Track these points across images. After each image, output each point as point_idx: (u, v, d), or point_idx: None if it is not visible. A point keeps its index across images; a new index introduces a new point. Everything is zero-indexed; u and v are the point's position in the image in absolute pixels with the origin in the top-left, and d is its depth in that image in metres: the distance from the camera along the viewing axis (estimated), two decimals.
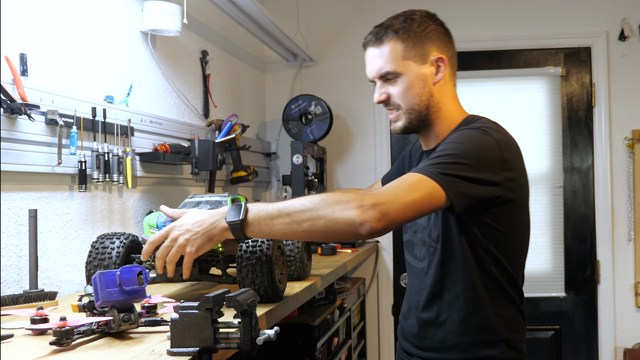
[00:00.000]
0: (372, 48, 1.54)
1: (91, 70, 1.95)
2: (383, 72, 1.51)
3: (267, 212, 1.27)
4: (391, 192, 1.28)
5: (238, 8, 2.62)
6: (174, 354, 0.99)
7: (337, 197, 1.27)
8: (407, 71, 1.50)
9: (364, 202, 1.23)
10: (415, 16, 1.56)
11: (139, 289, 1.14)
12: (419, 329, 1.55)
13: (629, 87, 3.52)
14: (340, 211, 1.24)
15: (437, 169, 1.32)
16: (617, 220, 3.52)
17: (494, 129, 1.47)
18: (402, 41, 1.51)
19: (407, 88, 1.50)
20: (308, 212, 1.25)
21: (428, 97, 1.52)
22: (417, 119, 1.53)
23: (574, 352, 3.58)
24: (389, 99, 1.53)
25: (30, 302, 1.46)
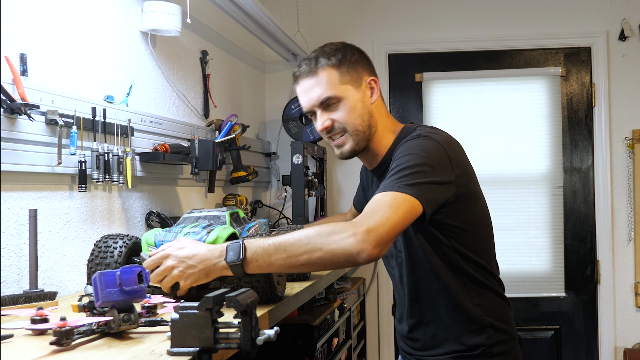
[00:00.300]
0: (308, 79, 1.57)
1: (91, 70, 1.95)
2: (323, 97, 1.55)
3: (264, 249, 1.30)
4: (377, 215, 1.32)
5: (238, 8, 2.61)
6: (174, 354, 0.99)
7: (330, 228, 1.31)
8: (347, 95, 1.55)
9: (357, 230, 1.28)
10: (339, 46, 1.61)
11: (139, 289, 1.14)
12: (410, 332, 1.64)
13: (629, 87, 3.52)
14: (337, 242, 1.28)
15: (404, 182, 1.37)
16: (617, 220, 3.52)
17: (432, 132, 1.54)
18: (336, 68, 1.56)
19: (350, 110, 1.55)
20: (304, 246, 1.29)
21: (369, 117, 1.58)
22: (363, 140, 1.58)
23: (574, 352, 3.58)
24: (333, 124, 1.56)
25: (30, 302, 1.46)
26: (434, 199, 1.41)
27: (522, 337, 1.67)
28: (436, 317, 1.57)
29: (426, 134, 1.51)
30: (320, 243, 1.28)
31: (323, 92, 1.55)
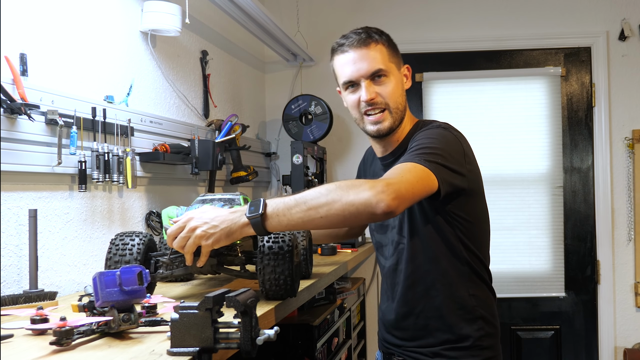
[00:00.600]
0: (359, 49, 1.59)
1: (91, 70, 1.95)
2: (376, 69, 1.59)
3: (285, 203, 1.32)
4: (396, 174, 1.37)
5: (238, 8, 2.62)
6: (174, 354, 0.99)
7: (349, 182, 1.34)
8: (394, 73, 1.62)
9: (376, 183, 1.31)
10: (382, 31, 1.65)
11: (139, 289, 1.14)
12: (398, 322, 1.67)
13: (629, 87, 3.52)
14: (356, 194, 1.30)
15: (423, 158, 1.43)
16: (617, 220, 3.52)
17: (451, 127, 1.61)
18: (386, 46, 1.62)
19: (394, 88, 1.61)
20: (324, 197, 1.31)
21: (404, 100, 1.65)
22: (399, 119, 1.63)
23: (574, 352, 3.58)
24: (378, 97, 1.60)
25: (30, 302, 1.46)
26: (449, 181, 1.46)
27: (522, 337, 1.71)
28: (430, 305, 1.61)
29: (445, 126, 1.59)
30: (339, 195, 1.31)
31: (376, 64, 1.59)
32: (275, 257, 1.38)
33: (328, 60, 4.02)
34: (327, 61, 4.04)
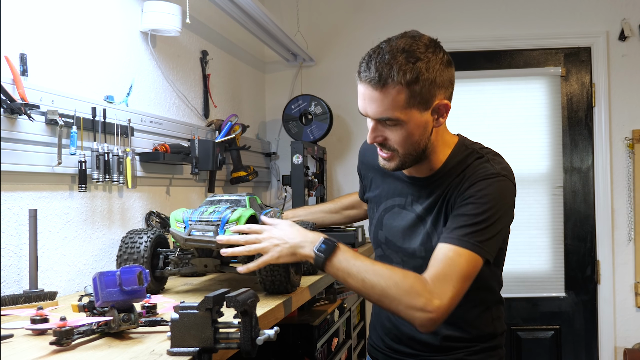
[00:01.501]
0: (371, 88, 1.37)
1: (91, 70, 1.95)
2: (383, 117, 1.40)
3: (349, 264, 1.39)
4: (450, 289, 1.34)
5: (238, 8, 2.61)
6: (174, 354, 0.99)
7: (409, 284, 1.35)
8: (409, 119, 1.39)
9: (428, 306, 1.33)
10: (421, 53, 1.37)
11: (139, 289, 1.14)
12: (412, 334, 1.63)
13: (629, 87, 3.52)
14: (406, 308, 1.34)
15: (477, 239, 1.39)
16: (617, 220, 3.52)
17: (506, 168, 1.49)
18: (407, 87, 1.35)
19: (407, 136, 1.42)
20: (379, 288, 1.36)
21: (426, 142, 1.45)
22: (411, 161, 1.48)
23: (574, 352, 3.58)
24: (385, 141, 1.45)
25: (30, 302, 1.47)
26: (497, 246, 1.46)
27: (522, 337, 1.72)
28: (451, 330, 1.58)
29: (505, 174, 1.46)
30: (393, 296, 1.35)
31: (383, 112, 1.38)
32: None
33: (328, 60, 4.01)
34: (327, 61, 4.05)
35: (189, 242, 1.50)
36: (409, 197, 1.57)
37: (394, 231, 1.60)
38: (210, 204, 1.63)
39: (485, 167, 1.46)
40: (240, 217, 1.50)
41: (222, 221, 1.50)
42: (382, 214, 1.63)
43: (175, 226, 1.53)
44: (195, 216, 1.52)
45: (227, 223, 1.49)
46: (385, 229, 1.64)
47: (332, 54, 3.65)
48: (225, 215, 1.50)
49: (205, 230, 1.49)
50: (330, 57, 3.65)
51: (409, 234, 1.57)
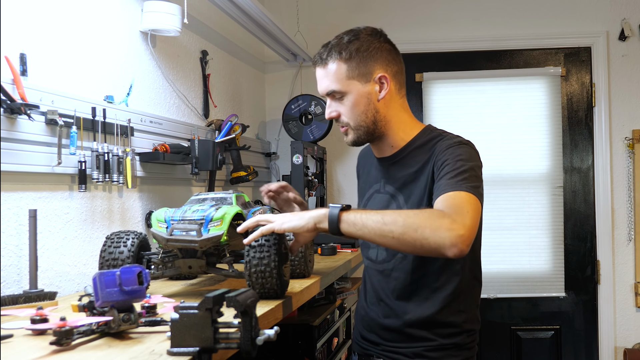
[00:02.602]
0: (319, 68, 1.61)
1: (91, 70, 1.95)
2: (329, 90, 1.59)
3: (365, 211, 1.41)
4: (467, 213, 1.37)
5: (238, 8, 2.61)
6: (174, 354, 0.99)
7: (428, 212, 1.39)
8: (352, 90, 1.57)
9: (455, 225, 1.33)
10: (361, 35, 1.59)
11: (139, 289, 1.14)
12: (383, 323, 1.64)
13: (629, 87, 3.53)
14: (435, 230, 1.33)
15: (469, 184, 1.44)
16: (617, 220, 3.52)
17: (470, 142, 1.59)
18: (344, 62, 1.57)
19: (353, 106, 1.58)
20: (401, 220, 1.35)
21: (373, 113, 1.59)
22: (365, 134, 1.61)
23: (574, 352, 3.58)
24: (339, 116, 1.60)
25: (30, 302, 1.46)
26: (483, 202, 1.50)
27: (522, 337, 1.71)
28: (420, 314, 1.59)
29: (467, 142, 1.57)
30: (417, 223, 1.34)
31: (329, 85, 1.58)
32: (261, 249, 1.40)
33: None
34: None
35: (171, 242, 1.42)
36: (382, 181, 1.67)
37: None
38: (195, 202, 1.56)
39: (452, 137, 1.59)
40: (224, 215, 1.44)
41: (205, 219, 1.43)
42: (365, 202, 1.72)
43: (156, 226, 1.45)
44: (177, 215, 1.45)
45: (211, 221, 1.42)
46: None
47: None
48: (209, 214, 1.44)
49: (188, 230, 1.41)
50: None
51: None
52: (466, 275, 1.60)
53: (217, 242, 1.42)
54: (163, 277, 1.54)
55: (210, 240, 1.41)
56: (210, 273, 1.53)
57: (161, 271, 1.52)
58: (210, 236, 1.41)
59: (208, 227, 1.42)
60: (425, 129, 1.66)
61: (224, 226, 1.43)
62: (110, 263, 1.47)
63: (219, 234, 1.41)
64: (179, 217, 1.44)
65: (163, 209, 1.50)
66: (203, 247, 1.43)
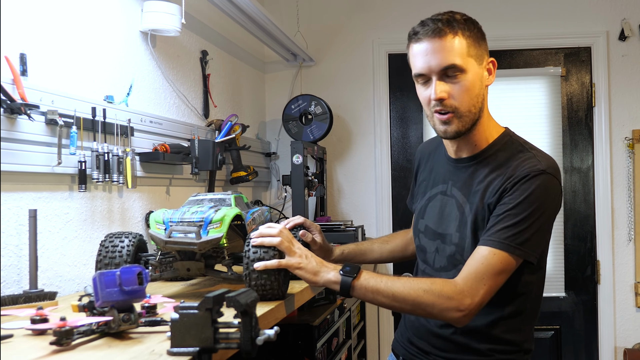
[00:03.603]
0: (432, 40, 1.42)
1: (91, 70, 1.95)
2: (448, 64, 1.41)
3: (376, 283, 1.40)
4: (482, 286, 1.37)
5: (238, 8, 2.62)
6: (174, 354, 0.99)
7: (438, 288, 1.37)
8: (470, 69, 1.43)
9: (463, 305, 1.36)
10: (469, 17, 1.51)
11: (139, 289, 1.14)
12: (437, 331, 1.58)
13: (629, 87, 3.52)
14: (442, 311, 1.37)
15: (516, 241, 1.37)
16: (617, 220, 3.52)
17: (552, 165, 1.45)
18: (466, 37, 1.44)
19: (469, 87, 1.43)
20: (411, 299, 1.38)
21: (482, 100, 1.48)
22: (470, 122, 1.46)
23: (574, 352, 3.58)
24: (448, 98, 1.43)
25: (30, 302, 1.46)
26: (541, 247, 1.44)
27: None
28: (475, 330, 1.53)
29: (550, 171, 1.42)
30: (426, 303, 1.37)
31: (449, 59, 1.41)
32: (260, 249, 1.39)
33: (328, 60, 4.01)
34: (327, 61, 4.06)
35: (170, 244, 1.39)
36: (450, 183, 1.55)
37: (434, 217, 1.57)
38: (194, 203, 1.54)
39: (532, 162, 1.44)
40: (224, 217, 1.41)
41: (204, 221, 1.40)
42: (426, 202, 1.62)
43: (155, 228, 1.43)
44: (176, 217, 1.42)
45: (211, 223, 1.40)
46: (426, 217, 1.61)
47: (332, 54, 3.65)
48: (208, 216, 1.41)
49: (186, 232, 1.39)
50: (330, 57, 3.65)
51: (446, 218, 1.54)
52: (532, 295, 1.52)
53: (217, 244, 1.41)
54: (161, 279, 1.52)
55: (210, 242, 1.39)
56: (209, 276, 1.52)
57: (159, 273, 1.50)
58: (209, 238, 1.39)
59: (207, 229, 1.40)
60: (505, 133, 1.54)
61: (224, 228, 1.41)
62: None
63: (219, 236, 1.40)
64: (177, 218, 1.42)
65: (161, 210, 1.48)
66: (202, 250, 1.41)
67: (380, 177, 3.64)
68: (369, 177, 3.63)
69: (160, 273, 1.50)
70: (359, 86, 3.62)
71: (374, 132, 3.64)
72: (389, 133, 3.65)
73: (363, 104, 3.64)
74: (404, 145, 3.68)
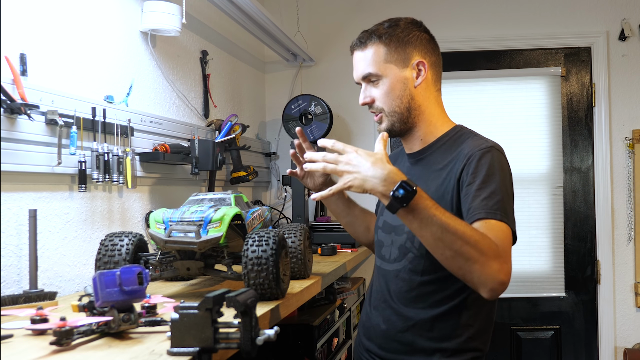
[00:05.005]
0: (358, 51, 1.60)
1: (91, 70, 1.95)
2: (365, 73, 1.57)
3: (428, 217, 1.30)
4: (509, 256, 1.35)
5: (238, 8, 2.62)
6: (174, 354, 0.99)
7: (487, 244, 1.31)
8: (388, 74, 1.55)
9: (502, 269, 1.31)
10: (400, 23, 1.61)
11: (139, 289, 1.14)
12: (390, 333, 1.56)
13: (629, 87, 3.52)
14: (483, 268, 1.30)
15: (505, 211, 1.40)
16: (617, 220, 3.52)
17: (499, 146, 1.54)
18: (384, 45, 1.56)
19: (389, 90, 1.56)
20: (459, 243, 1.29)
21: (408, 99, 1.56)
22: (399, 121, 1.58)
23: (574, 352, 3.58)
24: (373, 101, 1.58)
25: (30, 302, 1.46)
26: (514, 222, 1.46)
27: (522, 337, 1.66)
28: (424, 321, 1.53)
29: (499, 147, 1.52)
30: (471, 254, 1.29)
31: (366, 68, 1.57)
32: (259, 261, 1.38)
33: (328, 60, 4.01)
34: (327, 61, 4.05)
35: (169, 244, 1.40)
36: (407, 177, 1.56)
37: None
38: (194, 203, 1.55)
39: (480, 142, 1.53)
40: (224, 216, 1.42)
41: (204, 221, 1.40)
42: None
43: (154, 227, 1.43)
44: (176, 216, 1.43)
45: (210, 223, 1.41)
46: (385, 214, 1.66)
47: (332, 54, 3.65)
48: (208, 215, 1.42)
49: (186, 231, 1.39)
50: (330, 57, 3.65)
51: None
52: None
53: (216, 243, 1.41)
54: (160, 278, 1.53)
55: (209, 241, 1.40)
56: (208, 275, 1.52)
57: (159, 273, 1.51)
58: (209, 238, 1.40)
59: (207, 229, 1.40)
60: (456, 127, 1.63)
61: (223, 227, 1.41)
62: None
63: (218, 235, 1.40)
64: (177, 218, 1.43)
65: (161, 209, 1.49)
66: (202, 249, 1.41)
67: None
68: None
69: (160, 272, 1.51)
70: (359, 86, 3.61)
71: (374, 132, 3.63)
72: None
73: None
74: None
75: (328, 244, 2.73)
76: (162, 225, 1.43)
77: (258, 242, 1.39)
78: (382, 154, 1.36)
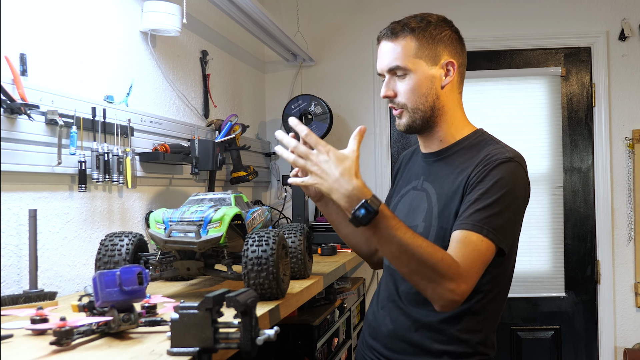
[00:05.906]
0: (386, 42, 1.52)
1: (91, 70, 1.95)
2: (392, 66, 1.50)
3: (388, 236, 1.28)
4: (475, 273, 1.34)
5: (238, 8, 2.62)
6: (174, 354, 0.99)
7: (446, 266, 1.30)
8: (417, 69, 1.50)
9: (457, 290, 1.30)
10: (432, 18, 1.56)
11: (139, 289, 1.14)
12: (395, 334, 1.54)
13: (629, 87, 3.53)
14: (436, 287, 1.30)
15: (493, 225, 1.37)
16: (617, 220, 3.52)
17: (522, 160, 1.52)
18: (416, 39, 1.50)
19: (415, 87, 1.50)
20: (414, 264, 1.29)
21: (434, 98, 1.52)
22: (421, 119, 1.53)
23: (574, 352, 3.58)
24: (395, 96, 1.52)
25: (30, 302, 1.46)
26: (514, 238, 1.46)
27: (522, 337, 1.64)
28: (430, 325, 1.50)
29: (517, 159, 1.49)
30: (426, 272, 1.29)
31: (394, 60, 1.50)
32: (259, 261, 1.38)
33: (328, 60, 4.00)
34: (327, 61, 4.05)
35: (169, 244, 1.40)
36: (422, 178, 1.58)
37: (404, 212, 1.56)
38: (194, 203, 1.55)
39: (500, 151, 1.49)
40: (223, 216, 1.42)
41: (204, 221, 1.41)
42: (398, 200, 1.63)
43: (154, 227, 1.44)
44: (176, 216, 1.43)
45: (210, 223, 1.41)
46: (397, 213, 1.59)
47: (332, 54, 3.65)
48: (208, 215, 1.42)
49: (186, 231, 1.40)
50: (330, 57, 3.65)
51: (414, 211, 1.54)
52: (492, 294, 1.50)
53: (216, 243, 1.41)
54: (160, 279, 1.53)
55: (209, 241, 1.40)
56: (208, 275, 1.52)
57: (159, 273, 1.51)
58: (209, 238, 1.40)
59: (207, 229, 1.41)
60: (477, 132, 1.60)
61: (223, 227, 1.41)
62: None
63: (218, 235, 1.40)
64: (177, 218, 1.43)
65: (161, 209, 1.49)
66: (202, 249, 1.41)
67: (380, 177, 3.64)
68: (369, 177, 3.62)
69: (160, 272, 1.51)
70: (359, 86, 3.62)
71: (374, 132, 3.64)
72: (389, 133, 3.65)
73: (363, 104, 3.64)
74: (404, 145, 3.68)
75: (328, 244, 2.73)
76: (162, 225, 1.43)
77: (258, 242, 1.40)
78: (352, 161, 1.32)
